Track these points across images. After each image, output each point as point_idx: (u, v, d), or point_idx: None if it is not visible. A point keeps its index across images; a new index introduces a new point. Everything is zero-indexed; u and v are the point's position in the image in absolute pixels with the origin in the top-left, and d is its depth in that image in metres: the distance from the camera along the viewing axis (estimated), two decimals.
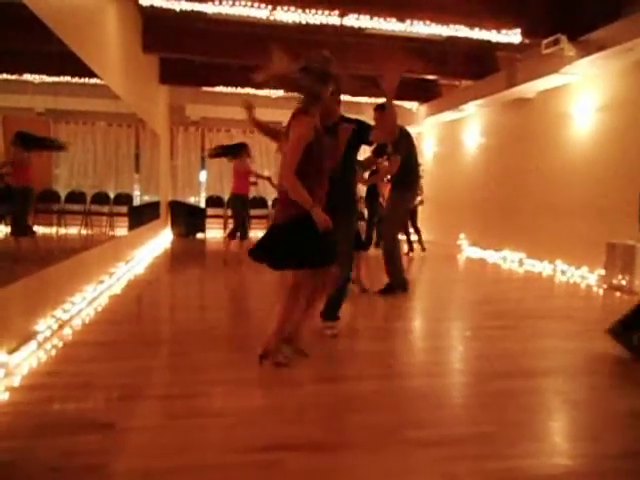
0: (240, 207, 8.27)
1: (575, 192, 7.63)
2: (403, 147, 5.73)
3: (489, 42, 7.56)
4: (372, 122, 4.38)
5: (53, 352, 3.58)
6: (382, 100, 4.25)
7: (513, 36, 7.16)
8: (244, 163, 8.18)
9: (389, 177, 6.21)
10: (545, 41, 6.91)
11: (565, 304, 5.88)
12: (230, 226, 8.96)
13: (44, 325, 3.90)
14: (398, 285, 5.89)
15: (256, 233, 10.21)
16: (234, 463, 2.20)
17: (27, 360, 3.34)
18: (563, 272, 7.53)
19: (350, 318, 5.04)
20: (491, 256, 9.40)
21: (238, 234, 8.15)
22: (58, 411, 2.68)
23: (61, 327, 4.12)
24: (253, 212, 11.68)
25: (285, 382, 3.22)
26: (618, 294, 6.22)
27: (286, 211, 3.29)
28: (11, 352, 3.30)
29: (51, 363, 3.39)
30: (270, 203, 12.94)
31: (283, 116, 4.01)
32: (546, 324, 4.80)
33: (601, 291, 6.43)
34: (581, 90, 7.58)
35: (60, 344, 3.76)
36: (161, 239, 10.82)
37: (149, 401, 2.87)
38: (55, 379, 3.10)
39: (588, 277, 7.01)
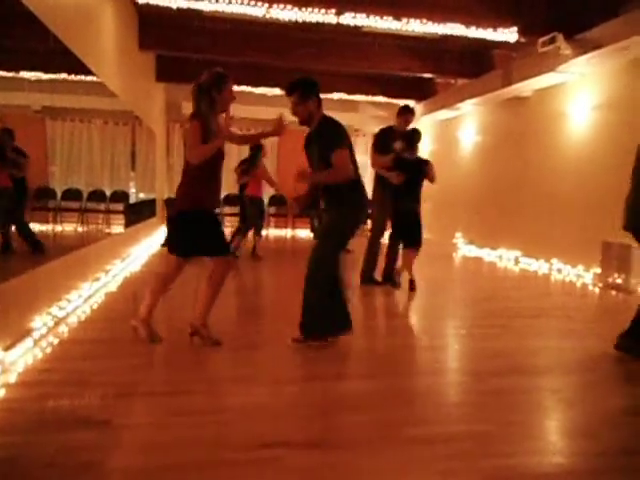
0: (257, 211, 8.31)
1: (571, 190, 7.65)
2: None
3: (485, 40, 7.57)
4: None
5: (49, 349, 3.57)
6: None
7: (509, 34, 7.16)
8: (261, 165, 8.21)
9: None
10: (541, 39, 6.92)
11: (561, 303, 5.90)
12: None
13: (40, 322, 3.89)
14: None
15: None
16: (231, 460, 2.21)
17: (23, 357, 3.33)
18: (559, 271, 7.55)
19: None
20: (487, 254, 9.42)
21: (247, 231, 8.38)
22: (54, 408, 2.67)
23: (57, 324, 4.11)
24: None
25: (282, 380, 3.22)
26: (614, 293, 6.25)
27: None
28: (7, 349, 3.29)
29: (47, 360, 3.38)
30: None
31: (275, 114, 4.00)
32: (542, 323, 4.82)
33: (597, 290, 6.46)
34: (577, 89, 7.60)
35: (56, 341, 3.75)
36: (157, 236, 10.79)
37: (145, 398, 2.87)
38: (51, 376, 3.09)
39: (584, 276, 7.03)
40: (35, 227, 4.69)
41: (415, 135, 6.02)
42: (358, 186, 3.81)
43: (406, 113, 6.24)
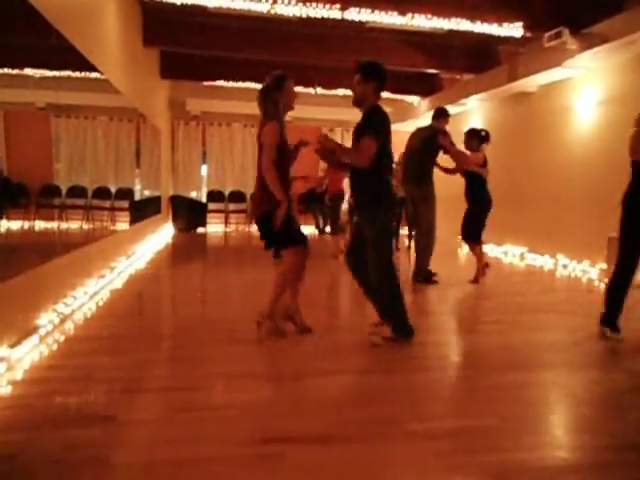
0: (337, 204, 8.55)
1: (577, 186, 7.61)
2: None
3: (491, 36, 7.53)
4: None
5: (55, 346, 3.59)
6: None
7: (515, 30, 7.12)
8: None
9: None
10: (547, 34, 6.88)
11: (566, 298, 5.88)
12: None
13: (46, 319, 3.91)
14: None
15: None
16: (235, 455, 2.21)
17: (29, 354, 3.35)
18: (564, 266, 7.52)
19: (350, 312, 5.06)
20: (492, 250, 9.39)
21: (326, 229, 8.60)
22: (60, 404, 2.68)
23: (63, 321, 4.13)
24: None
25: (286, 375, 3.23)
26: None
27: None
28: (13, 346, 3.31)
29: (53, 357, 3.40)
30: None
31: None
32: (547, 318, 4.80)
33: (602, 285, 6.42)
34: (583, 84, 7.55)
35: (62, 338, 3.77)
36: (162, 233, 10.82)
37: (150, 394, 2.88)
38: (57, 373, 3.11)
39: (589, 271, 7.00)
40: (40, 225, 4.70)
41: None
42: (390, 184, 3.83)
43: (448, 114, 6.50)
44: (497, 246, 9.36)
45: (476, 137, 6.38)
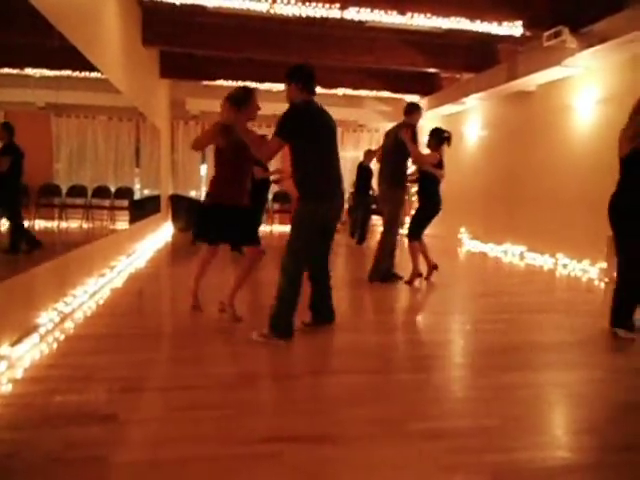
0: None
1: (576, 185, 7.61)
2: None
3: (490, 34, 7.54)
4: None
5: (55, 345, 3.60)
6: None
7: (514, 28, 7.13)
8: None
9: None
10: (547, 33, 6.88)
11: (566, 298, 5.89)
12: None
13: (46, 318, 3.91)
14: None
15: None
16: (234, 454, 2.22)
17: (29, 352, 3.35)
18: (564, 266, 7.52)
19: (350, 311, 5.06)
20: (492, 249, 9.40)
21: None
22: (60, 403, 2.69)
23: (63, 320, 4.14)
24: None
25: (285, 375, 3.23)
26: None
27: None
28: (13, 344, 3.31)
29: (53, 356, 3.40)
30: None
31: (283, 109, 3.99)
32: (547, 318, 4.81)
33: (602, 285, 6.43)
34: (582, 82, 7.55)
35: (62, 337, 3.77)
36: (162, 233, 10.82)
37: (150, 393, 2.89)
38: (57, 371, 3.11)
39: (589, 270, 7.00)
40: (40, 224, 4.71)
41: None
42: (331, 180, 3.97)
43: (419, 110, 6.29)
44: (496, 245, 9.37)
45: (436, 137, 6.21)
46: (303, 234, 3.80)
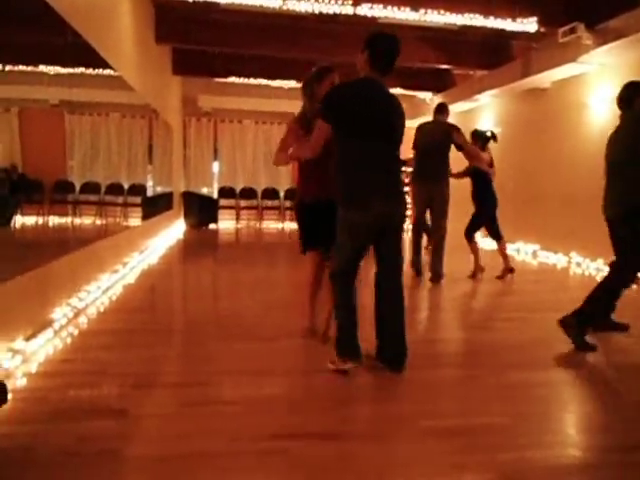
0: None
1: (590, 183, 7.50)
2: None
3: (504, 31, 7.45)
4: None
5: (69, 340, 3.63)
6: None
7: (529, 25, 7.05)
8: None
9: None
10: (562, 30, 6.80)
11: (580, 296, 5.80)
12: None
13: (60, 313, 3.96)
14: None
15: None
16: (244, 450, 2.23)
17: (43, 347, 3.39)
18: (578, 264, 7.45)
19: (360, 309, 5.04)
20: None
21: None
22: (73, 397, 2.72)
23: (76, 315, 4.18)
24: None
25: (295, 372, 3.24)
26: (634, 287, 6.14)
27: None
28: (28, 339, 3.35)
29: (67, 351, 3.44)
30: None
31: (295, 107, 4.00)
32: (560, 316, 4.76)
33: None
34: (598, 79, 7.46)
35: (75, 332, 3.81)
36: (174, 229, 10.88)
37: (162, 389, 2.91)
38: (71, 366, 3.14)
39: (603, 269, 6.92)
40: (54, 220, 4.75)
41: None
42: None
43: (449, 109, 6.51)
44: (509, 243, 9.29)
45: (480, 138, 6.38)
46: (341, 239, 3.19)
